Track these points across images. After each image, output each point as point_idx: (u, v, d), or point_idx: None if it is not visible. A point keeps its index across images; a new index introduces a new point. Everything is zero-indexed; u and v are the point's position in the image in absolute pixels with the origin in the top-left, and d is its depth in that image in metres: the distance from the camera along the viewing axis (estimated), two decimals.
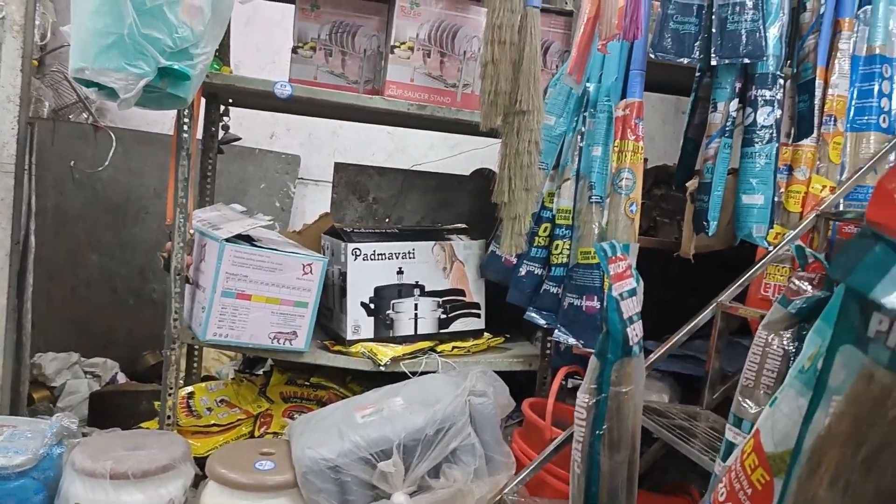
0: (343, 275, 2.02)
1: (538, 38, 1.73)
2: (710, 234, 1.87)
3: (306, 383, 2.13)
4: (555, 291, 1.98)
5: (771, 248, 1.84)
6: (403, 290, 2.08)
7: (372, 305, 2.04)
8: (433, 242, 2.13)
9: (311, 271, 1.89)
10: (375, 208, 2.34)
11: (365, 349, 2.00)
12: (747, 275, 1.81)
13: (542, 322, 2.00)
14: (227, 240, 1.81)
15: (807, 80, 1.87)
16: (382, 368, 1.95)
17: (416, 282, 2.10)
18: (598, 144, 1.91)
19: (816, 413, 0.51)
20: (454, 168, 2.49)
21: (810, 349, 0.63)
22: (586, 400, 0.75)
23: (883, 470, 0.45)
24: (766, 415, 0.66)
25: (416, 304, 2.10)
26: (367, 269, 2.03)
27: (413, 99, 1.99)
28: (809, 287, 1.01)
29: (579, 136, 1.97)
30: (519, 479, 1.70)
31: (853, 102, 1.93)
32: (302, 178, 3.62)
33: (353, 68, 2.12)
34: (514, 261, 2.03)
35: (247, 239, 1.88)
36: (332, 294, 2.09)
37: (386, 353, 1.98)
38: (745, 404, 1.02)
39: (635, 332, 0.74)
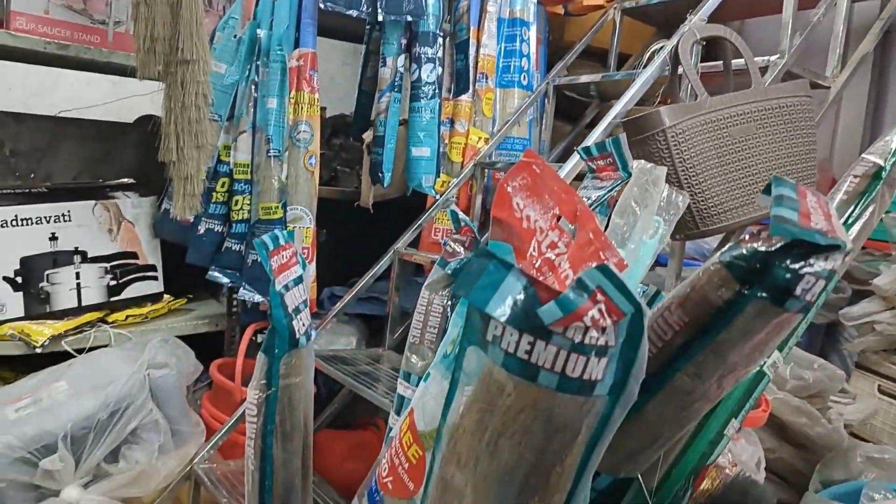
0: None
1: None
2: (385, 185, 1.97)
3: None
4: (237, 249, 1.91)
5: (438, 196, 2.01)
6: (60, 259, 1.82)
7: (19, 279, 1.76)
8: (94, 202, 1.89)
9: None
10: (15, 163, 1.97)
11: (14, 330, 1.72)
12: (418, 223, 1.96)
13: (225, 281, 1.93)
14: None
15: (462, 41, 2.03)
16: (39, 350, 1.70)
17: (76, 248, 1.85)
18: (273, 96, 1.85)
19: (453, 402, 0.58)
20: (119, 111, 2.20)
21: (453, 332, 0.70)
22: (257, 396, 0.75)
23: (502, 453, 0.52)
24: (419, 394, 0.72)
25: (77, 273, 1.86)
26: (9, 238, 1.73)
27: (51, 36, 1.70)
28: (462, 249, 1.12)
29: (253, 87, 1.89)
30: (209, 446, 1.66)
31: (500, 61, 2.15)
32: None
33: None
34: (192, 219, 1.91)
35: None
36: None
37: (43, 331, 1.73)
38: (412, 360, 1.11)
39: (302, 322, 0.75)
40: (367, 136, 2.06)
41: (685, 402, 0.58)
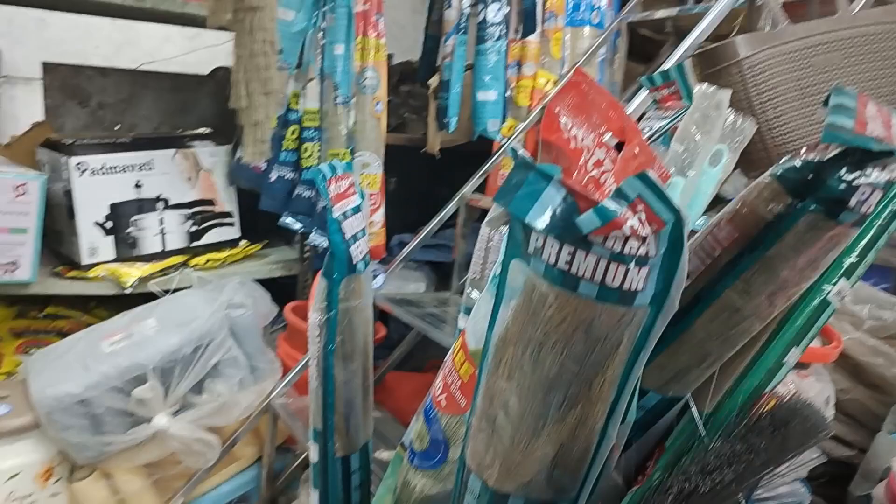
0: (68, 193, 1.81)
1: None
2: (450, 130, 1.97)
3: (40, 315, 1.93)
4: (308, 195, 1.97)
5: (504, 140, 2.00)
6: (144, 205, 1.93)
7: (109, 224, 1.87)
8: (173, 151, 1.98)
9: (25, 192, 1.67)
10: (101, 115, 2.09)
11: (106, 272, 1.85)
12: (485, 168, 1.96)
13: (297, 226, 2.00)
14: None
15: None
16: (129, 290, 1.83)
17: (159, 195, 1.96)
18: (340, 42, 1.87)
19: (498, 316, 0.59)
20: (197, 64, 2.29)
21: (503, 256, 0.71)
22: (318, 318, 0.79)
23: (544, 363, 0.54)
24: (472, 315, 0.74)
25: (161, 219, 1.97)
26: (98, 185, 1.84)
27: None
28: None
29: (320, 33, 1.91)
30: (285, 382, 1.75)
31: None
32: (8, 76, 3.08)
33: None
34: (264, 166, 1.97)
35: None
36: (59, 215, 1.87)
37: (131, 273, 1.85)
38: (472, 295, 1.12)
39: (359, 249, 0.78)
40: (433, 81, 2.05)
41: (734, 319, 0.58)
